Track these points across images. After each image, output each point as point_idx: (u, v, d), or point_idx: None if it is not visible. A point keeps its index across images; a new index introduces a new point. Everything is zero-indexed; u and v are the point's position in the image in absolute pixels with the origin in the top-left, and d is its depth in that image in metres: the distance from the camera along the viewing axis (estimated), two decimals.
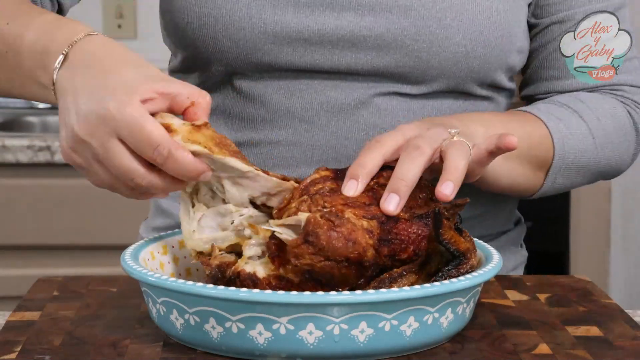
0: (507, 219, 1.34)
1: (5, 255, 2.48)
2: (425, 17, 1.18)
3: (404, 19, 1.18)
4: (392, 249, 0.94)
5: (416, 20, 1.18)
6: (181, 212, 1.02)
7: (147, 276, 0.93)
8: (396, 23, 1.18)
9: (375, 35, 1.18)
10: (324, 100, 1.20)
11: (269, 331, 0.89)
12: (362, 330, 0.89)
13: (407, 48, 1.18)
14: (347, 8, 1.18)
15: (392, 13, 1.18)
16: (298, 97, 1.21)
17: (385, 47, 1.18)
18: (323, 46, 1.19)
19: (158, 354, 0.93)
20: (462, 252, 0.94)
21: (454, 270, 0.93)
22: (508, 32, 1.21)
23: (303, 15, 1.18)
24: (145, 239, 1.06)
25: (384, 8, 1.18)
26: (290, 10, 1.18)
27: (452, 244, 0.94)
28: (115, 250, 1.59)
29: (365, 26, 1.18)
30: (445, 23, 1.18)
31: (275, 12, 1.18)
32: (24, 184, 2.45)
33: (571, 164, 1.22)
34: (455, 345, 0.95)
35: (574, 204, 2.65)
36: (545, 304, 1.07)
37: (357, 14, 1.18)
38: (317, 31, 1.18)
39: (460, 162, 0.99)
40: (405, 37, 1.18)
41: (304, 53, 1.19)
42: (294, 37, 1.18)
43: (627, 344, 0.96)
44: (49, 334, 0.98)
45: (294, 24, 1.18)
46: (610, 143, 1.24)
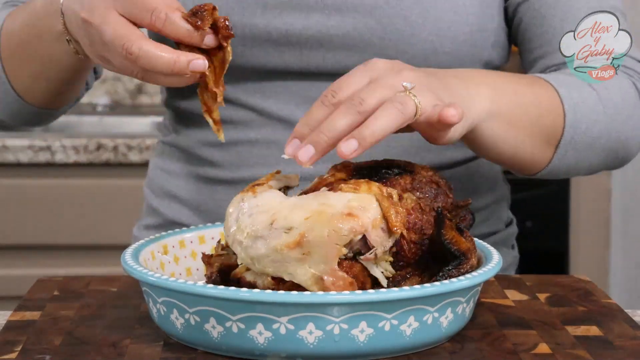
0: (498, 219, 1.34)
1: (5, 255, 2.48)
2: (391, 15, 1.18)
3: (370, 18, 1.19)
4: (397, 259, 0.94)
5: (382, 18, 1.19)
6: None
7: (147, 276, 0.93)
8: (362, 22, 1.19)
9: (342, 34, 1.20)
10: (299, 100, 1.22)
11: (269, 331, 0.89)
12: (362, 330, 0.89)
13: (375, 47, 1.19)
14: (315, 9, 1.20)
15: (358, 12, 1.19)
16: (274, 98, 1.23)
17: (354, 47, 1.20)
18: (292, 46, 1.20)
19: (158, 354, 0.93)
20: (463, 252, 0.94)
21: (455, 270, 0.93)
22: (478, 27, 1.21)
23: (271, 16, 1.20)
24: (146, 239, 1.06)
25: (350, 8, 1.19)
26: (258, 12, 1.20)
27: (454, 244, 0.94)
28: (115, 250, 1.59)
29: (332, 26, 1.20)
30: (411, 20, 1.19)
31: (243, 15, 1.20)
32: (24, 184, 2.45)
33: (583, 135, 1.16)
34: (455, 345, 0.95)
35: (574, 204, 2.65)
36: (545, 303, 1.07)
37: (324, 14, 1.20)
38: (285, 32, 1.20)
39: (380, 123, 0.92)
40: (372, 35, 1.19)
41: (275, 54, 1.21)
42: (264, 39, 1.20)
43: (627, 344, 0.96)
44: (49, 334, 0.98)
45: (262, 26, 1.20)
46: (619, 114, 1.19)
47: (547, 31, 1.24)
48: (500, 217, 1.35)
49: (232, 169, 1.26)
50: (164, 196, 1.32)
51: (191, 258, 1.10)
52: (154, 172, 1.36)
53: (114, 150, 2.42)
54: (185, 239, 1.10)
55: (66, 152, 2.41)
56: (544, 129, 1.14)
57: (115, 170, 2.44)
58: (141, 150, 2.42)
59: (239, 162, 1.25)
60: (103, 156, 2.42)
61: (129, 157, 2.42)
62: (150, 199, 1.36)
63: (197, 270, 1.09)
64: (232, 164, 1.26)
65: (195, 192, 1.29)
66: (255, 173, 1.24)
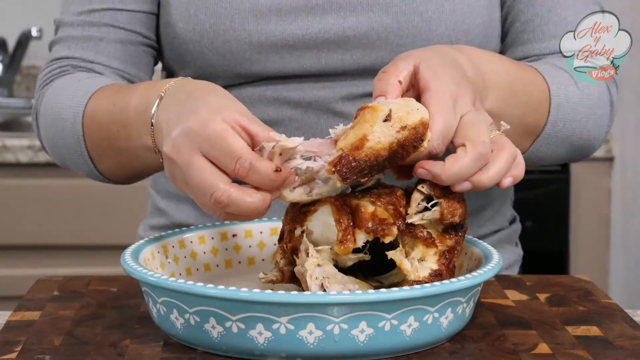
0: (502, 216, 1.35)
1: (5, 255, 2.47)
2: (407, 12, 1.19)
3: (386, 16, 1.19)
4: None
5: (398, 16, 1.19)
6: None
7: (147, 276, 0.93)
8: (378, 21, 1.19)
9: (359, 34, 1.20)
10: (313, 99, 1.22)
11: (269, 331, 0.89)
12: (362, 330, 0.89)
13: (392, 44, 1.20)
14: (329, 11, 1.20)
15: (373, 12, 1.19)
16: (289, 102, 1.22)
17: (370, 46, 1.20)
18: (309, 50, 1.20)
19: (158, 354, 0.93)
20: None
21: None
22: (488, 18, 1.23)
23: (286, 23, 1.20)
24: (146, 239, 1.06)
25: (365, 7, 1.20)
26: (273, 18, 1.20)
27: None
28: (115, 250, 1.59)
29: (348, 27, 1.20)
30: (427, 16, 1.19)
31: (258, 22, 1.20)
32: (24, 184, 2.45)
33: (559, 131, 1.20)
34: (455, 345, 0.95)
35: (574, 204, 2.64)
36: (545, 303, 1.07)
37: (340, 15, 1.20)
38: (301, 37, 1.20)
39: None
40: (389, 33, 1.19)
41: (291, 59, 1.21)
42: (280, 45, 1.20)
43: (627, 343, 0.96)
44: (49, 334, 0.98)
45: (279, 32, 1.20)
46: (593, 114, 1.23)
47: (532, 20, 1.25)
48: (505, 214, 1.35)
49: None
50: (171, 197, 1.32)
51: (191, 258, 1.10)
52: (159, 172, 1.35)
53: None
54: (185, 239, 1.10)
55: None
56: (528, 125, 1.18)
57: None
58: None
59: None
60: None
61: None
62: (157, 200, 1.35)
63: (197, 270, 1.09)
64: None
65: None
66: None
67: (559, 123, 1.20)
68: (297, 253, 0.98)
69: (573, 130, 1.21)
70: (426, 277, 0.95)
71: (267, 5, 1.20)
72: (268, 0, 1.20)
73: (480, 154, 0.95)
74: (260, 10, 1.20)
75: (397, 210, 0.96)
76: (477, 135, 0.96)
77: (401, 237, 0.97)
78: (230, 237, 1.13)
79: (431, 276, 0.95)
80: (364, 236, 0.95)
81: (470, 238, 1.05)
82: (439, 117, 0.96)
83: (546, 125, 1.19)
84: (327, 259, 0.97)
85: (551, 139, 1.21)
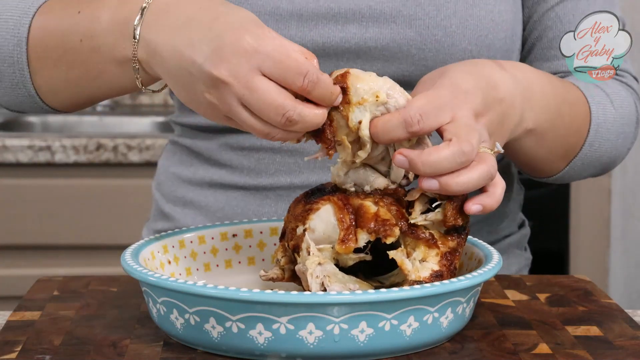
0: (512, 222, 1.34)
1: (5, 255, 2.47)
2: (430, 26, 1.17)
3: (409, 29, 1.17)
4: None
5: (421, 29, 1.17)
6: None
7: (147, 276, 0.93)
8: (401, 33, 1.17)
9: (380, 46, 1.18)
10: None
11: (269, 331, 0.89)
12: (362, 330, 0.89)
13: (414, 57, 1.18)
14: (351, 20, 1.18)
15: (396, 23, 1.17)
16: None
17: (391, 58, 1.18)
18: (329, 59, 1.18)
19: (158, 354, 0.93)
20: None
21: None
22: (511, 32, 1.21)
23: (307, 29, 1.17)
24: (146, 239, 1.06)
25: (388, 19, 1.17)
26: (293, 24, 1.17)
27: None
28: (115, 250, 1.59)
29: (370, 37, 1.18)
30: (450, 30, 1.17)
31: (278, 27, 1.17)
32: (24, 184, 2.45)
33: (594, 152, 1.19)
34: (455, 345, 0.95)
35: (574, 204, 2.64)
36: (545, 303, 1.07)
37: (362, 25, 1.18)
38: (321, 44, 1.18)
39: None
40: (411, 46, 1.17)
41: None
42: None
43: (627, 343, 0.96)
44: (49, 334, 0.98)
45: (298, 38, 1.17)
46: (623, 133, 1.22)
47: (559, 36, 1.24)
48: (515, 219, 1.35)
49: (252, 176, 1.24)
50: (177, 202, 1.29)
51: (191, 258, 1.10)
52: (164, 175, 1.32)
53: (113, 150, 2.42)
54: (185, 239, 1.10)
55: (66, 152, 2.41)
56: (567, 146, 1.18)
57: (115, 170, 2.44)
58: (141, 150, 2.42)
59: (259, 169, 1.23)
60: (103, 156, 2.42)
61: (129, 157, 2.42)
62: (161, 204, 1.32)
63: (197, 270, 1.09)
64: (252, 170, 1.24)
65: (211, 198, 1.27)
66: (275, 181, 1.22)
67: (594, 144, 1.19)
68: (298, 251, 0.98)
69: (605, 150, 1.21)
70: (427, 277, 0.95)
71: (289, 10, 1.18)
72: (289, 5, 1.18)
73: (463, 152, 0.92)
74: (281, 15, 1.18)
75: (399, 211, 0.96)
76: (466, 135, 0.93)
77: (403, 237, 0.97)
78: (230, 237, 1.13)
79: (432, 277, 0.95)
80: (365, 236, 0.95)
81: (470, 238, 1.05)
82: (424, 96, 0.94)
83: (583, 146, 1.18)
84: (329, 258, 0.97)
85: (586, 160, 1.20)
